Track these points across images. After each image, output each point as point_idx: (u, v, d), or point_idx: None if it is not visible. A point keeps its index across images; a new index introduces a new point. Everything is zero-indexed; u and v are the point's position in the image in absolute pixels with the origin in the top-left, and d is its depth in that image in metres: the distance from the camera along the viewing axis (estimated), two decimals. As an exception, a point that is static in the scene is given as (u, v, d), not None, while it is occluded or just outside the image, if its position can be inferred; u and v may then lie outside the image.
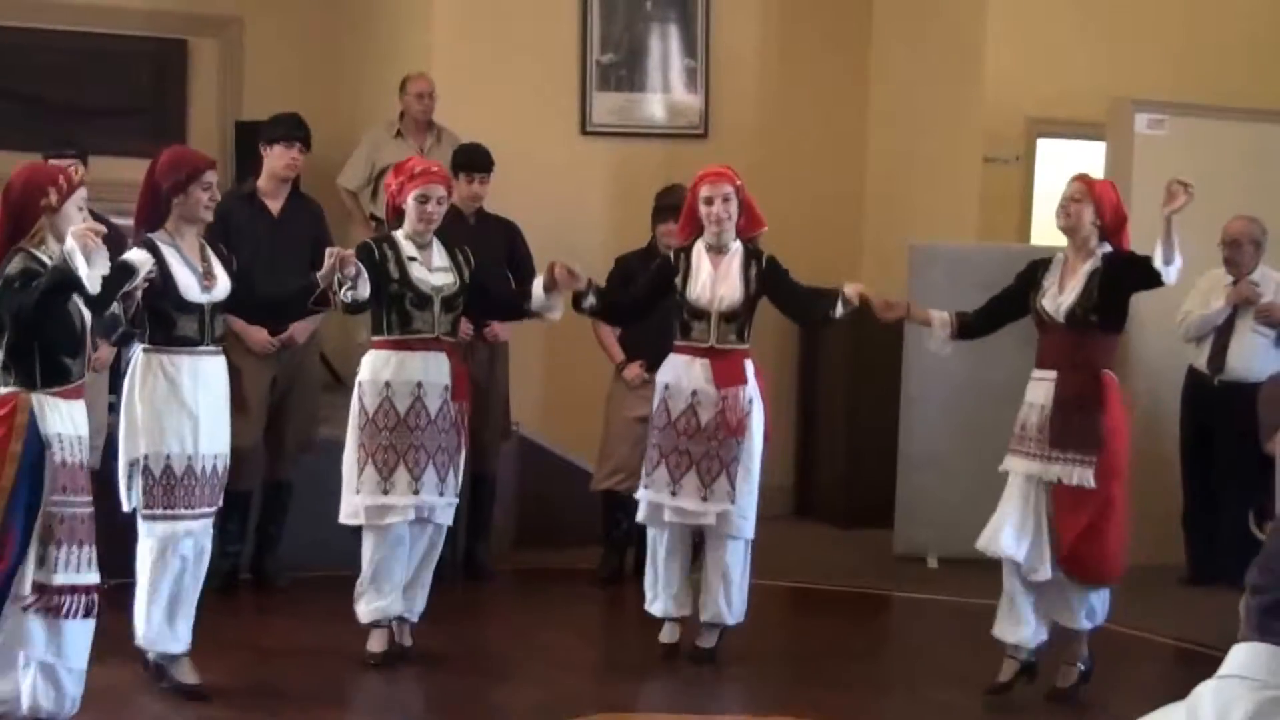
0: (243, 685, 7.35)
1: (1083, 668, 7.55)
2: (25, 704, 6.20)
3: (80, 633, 6.23)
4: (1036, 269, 7.56)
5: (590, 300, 7.84)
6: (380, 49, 12.08)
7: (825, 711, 7.32)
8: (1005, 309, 7.68)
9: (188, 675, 7.17)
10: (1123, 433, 7.45)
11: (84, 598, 6.19)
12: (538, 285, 7.77)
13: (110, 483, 7.02)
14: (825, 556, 10.41)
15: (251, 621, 8.50)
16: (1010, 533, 7.41)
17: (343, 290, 7.27)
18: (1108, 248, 7.38)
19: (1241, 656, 2.26)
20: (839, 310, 7.78)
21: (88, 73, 12.03)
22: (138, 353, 7.05)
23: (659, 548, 8.01)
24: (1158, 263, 7.13)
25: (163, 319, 6.97)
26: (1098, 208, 7.35)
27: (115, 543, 6.88)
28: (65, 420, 6.15)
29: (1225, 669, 2.26)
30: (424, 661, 7.88)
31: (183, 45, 12.31)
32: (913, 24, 12.06)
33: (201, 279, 7.02)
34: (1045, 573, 7.36)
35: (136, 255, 6.54)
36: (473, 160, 9.44)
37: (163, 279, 6.88)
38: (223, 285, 7.09)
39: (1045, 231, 11.19)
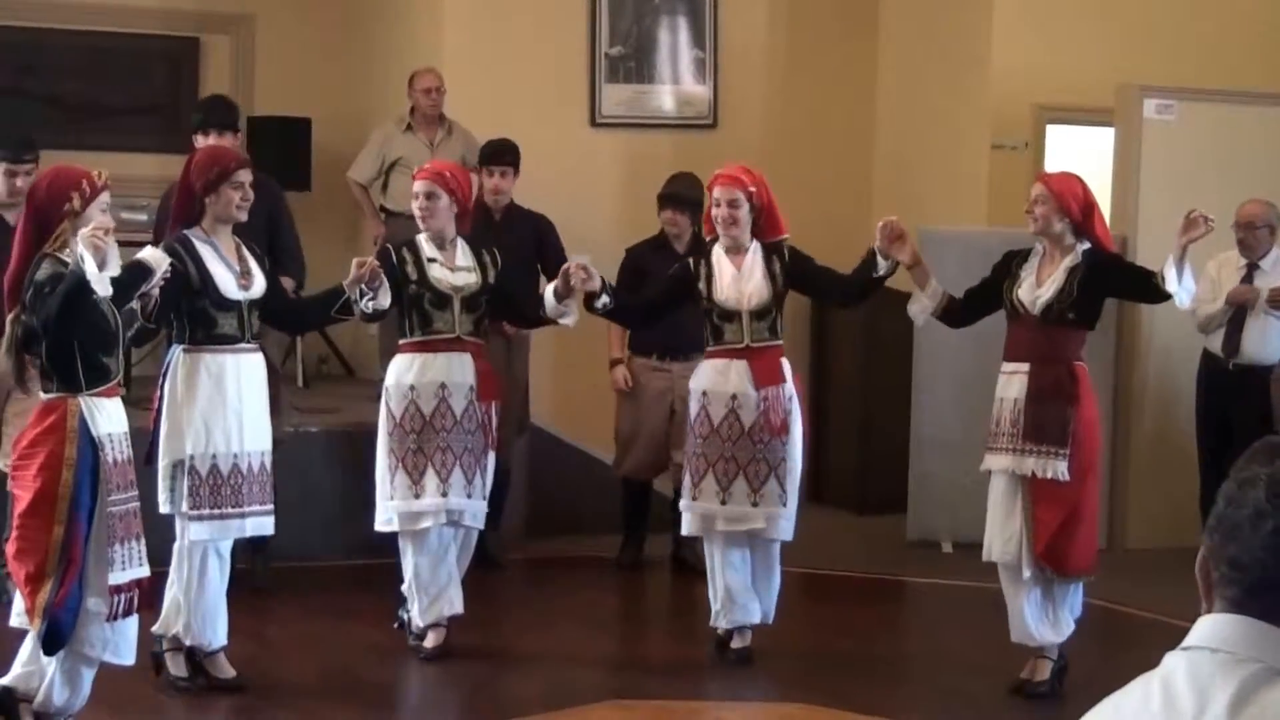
0: (249, 675, 7.33)
1: (1059, 662, 7.38)
2: (37, 700, 6.18)
3: (131, 628, 6.32)
4: (1011, 260, 7.46)
5: (604, 300, 7.68)
6: (391, 43, 12.11)
7: (839, 698, 7.30)
8: (984, 301, 7.56)
9: (224, 669, 7.21)
10: (1095, 426, 7.40)
11: (131, 594, 6.23)
12: (549, 292, 7.66)
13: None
14: (839, 542, 10.35)
15: (250, 612, 8.18)
16: (993, 536, 7.35)
17: (363, 300, 7.27)
18: (1087, 244, 7.28)
19: (1207, 628, 2.17)
20: (881, 268, 7.53)
21: (102, 71, 12.08)
22: (176, 353, 7.03)
23: (716, 560, 7.75)
24: (1171, 285, 7.08)
25: (202, 318, 6.98)
26: (1061, 204, 7.24)
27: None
28: (112, 419, 6.18)
29: (1191, 640, 2.18)
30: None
31: (195, 43, 12.34)
32: (920, 12, 12.06)
33: (239, 277, 7.04)
34: (1027, 569, 7.25)
35: (151, 254, 6.52)
36: (492, 153, 9.32)
37: (201, 277, 6.94)
38: (259, 283, 7.12)
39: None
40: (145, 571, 6.28)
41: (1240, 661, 2.09)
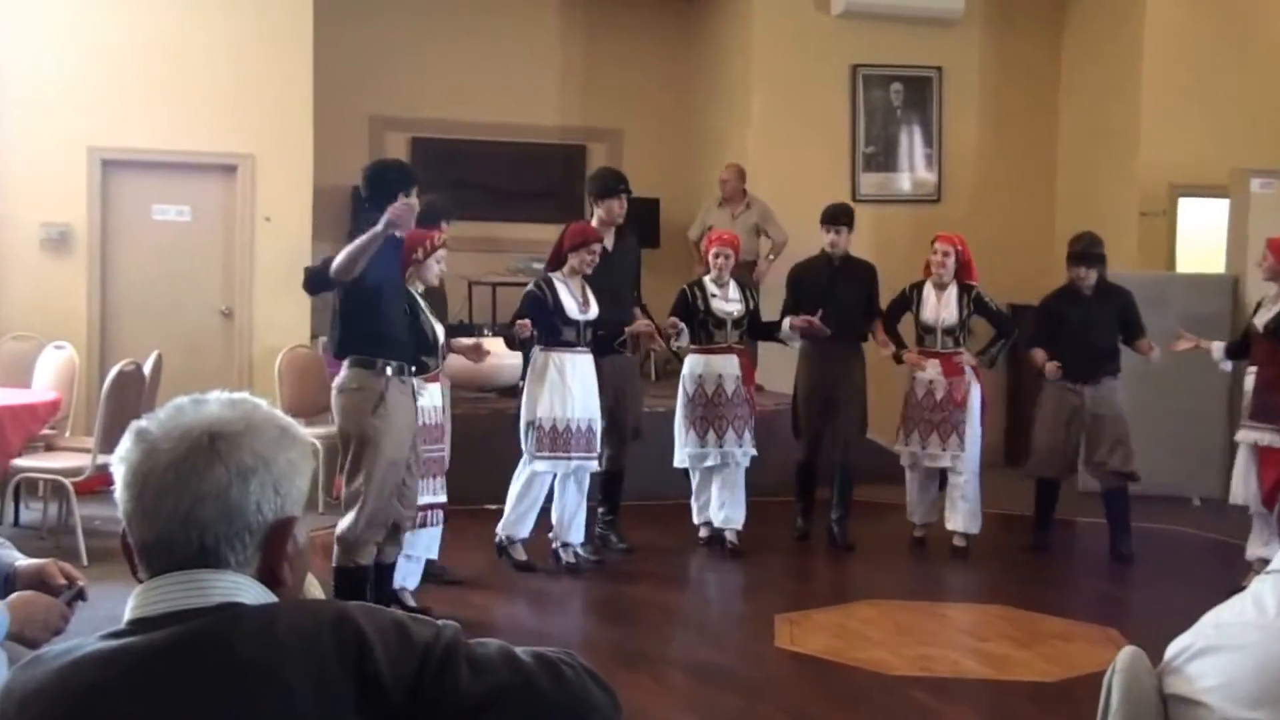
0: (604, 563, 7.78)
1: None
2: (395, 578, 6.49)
3: (436, 534, 6.68)
4: (1261, 303, 7.74)
5: (892, 350, 8.31)
6: (714, 145, 12.21)
7: (1023, 602, 7.26)
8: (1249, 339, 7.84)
9: (521, 554, 7.65)
10: None
11: (437, 513, 6.57)
12: (786, 324, 8.16)
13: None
14: (1028, 493, 10.14)
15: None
16: (1237, 485, 7.62)
17: (670, 341, 7.89)
18: None
19: None
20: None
21: (517, 169, 12.30)
22: (537, 351, 7.46)
23: (913, 483, 8.41)
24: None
25: (553, 330, 7.42)
26: (1276, 260, 7.49)
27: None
28: (429, 396, 6.46)
29: (1274, 566, 2.18)
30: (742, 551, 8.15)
31: (583, 149, 12.56)
32: (1088, 114, 11.83)
33: (580, 305, 7.48)
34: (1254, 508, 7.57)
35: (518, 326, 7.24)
36: (831, 215, 8.37)
37: (555, 304, 7.39)
38: (594, 309, 7.54)
39: (1185, 263, 10.91)
40: (443, 498, 6.59)
41: None
